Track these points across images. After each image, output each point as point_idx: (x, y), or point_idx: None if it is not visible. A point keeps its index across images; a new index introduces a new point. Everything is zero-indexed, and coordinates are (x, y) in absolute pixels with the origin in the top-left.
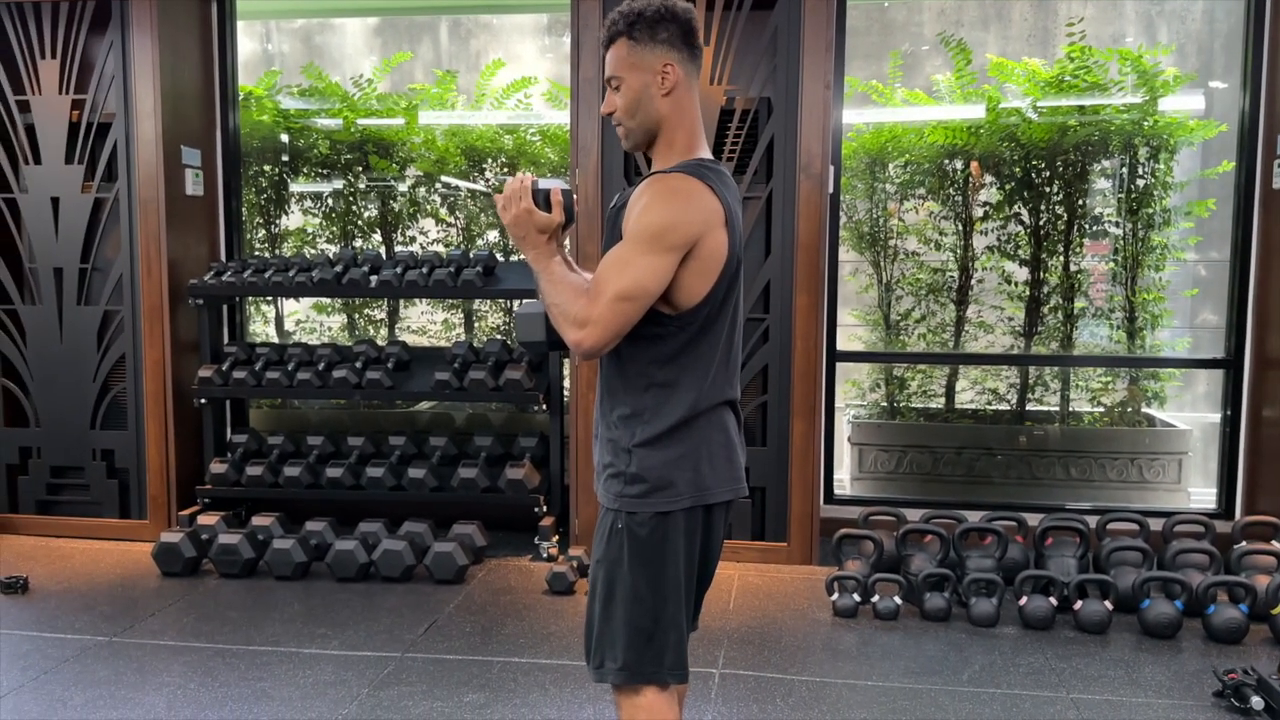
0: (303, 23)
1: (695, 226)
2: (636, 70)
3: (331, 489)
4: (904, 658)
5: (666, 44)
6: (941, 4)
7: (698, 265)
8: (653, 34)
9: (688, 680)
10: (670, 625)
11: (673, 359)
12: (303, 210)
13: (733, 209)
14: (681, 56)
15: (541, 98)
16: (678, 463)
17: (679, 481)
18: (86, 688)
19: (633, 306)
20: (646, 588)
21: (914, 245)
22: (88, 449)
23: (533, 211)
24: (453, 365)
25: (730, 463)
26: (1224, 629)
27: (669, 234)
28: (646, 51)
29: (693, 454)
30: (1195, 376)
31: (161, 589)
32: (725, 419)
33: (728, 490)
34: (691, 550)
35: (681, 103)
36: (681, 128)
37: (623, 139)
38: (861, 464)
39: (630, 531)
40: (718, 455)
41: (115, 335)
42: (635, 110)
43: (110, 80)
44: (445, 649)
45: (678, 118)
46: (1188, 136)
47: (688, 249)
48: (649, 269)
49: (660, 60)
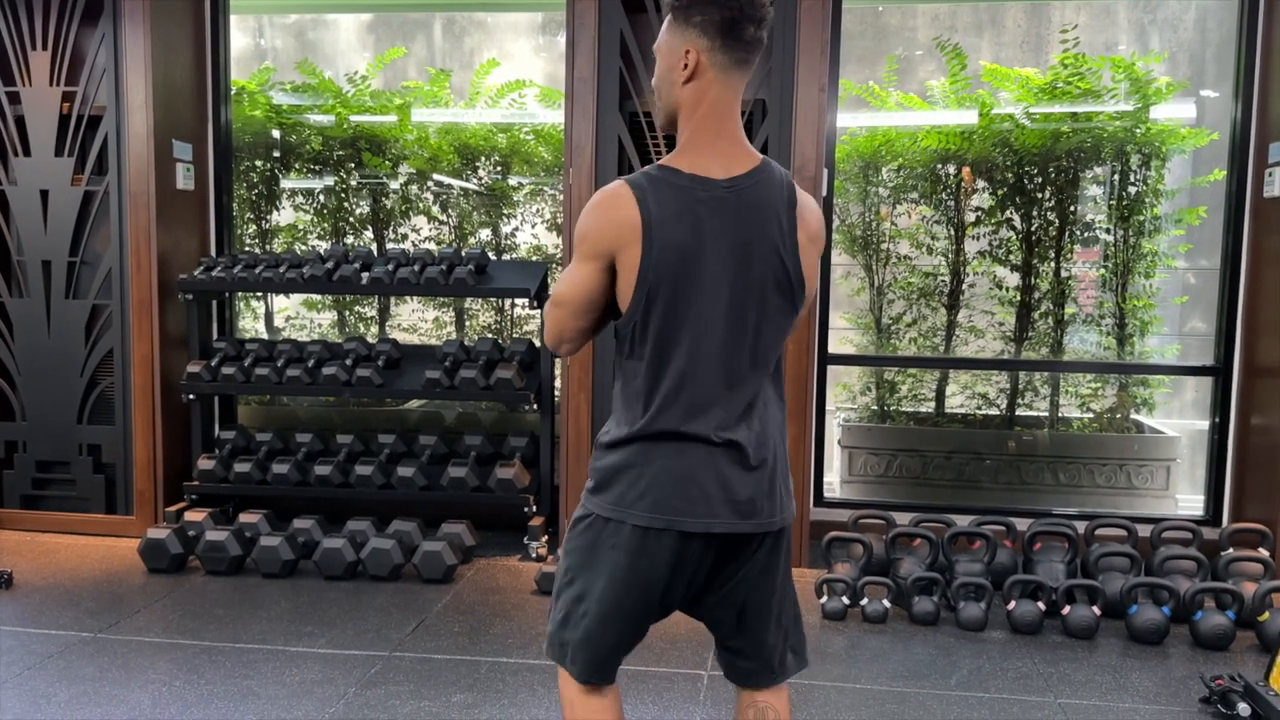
0: (296, 18)
1: (606, 240)
2: (666, 50)
3: (320, 487)
4: (892, 661)
5: (698, 28)
6: (936, 9)
7: (623, 277)
8: (687, 15)
9: (593, 684)
10: (578, 623)
11: (626, 367)
12: (294, 206)
13: (657, 223)
14: (711, 45)
15: (535, 99)
16: (612, 472)
17: (611, 490)
18: (70, 684)
19: (562, 312)
20: (573, 573)
21: (906, 249)
22: (74, 444)
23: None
24: (443, 364)
25: (673, 494)
26: (1211, 635)
27: (582, 244)
28: (677, 33)
29: (628, 469)
30: (1184, 383)
31: (147, 585)
32: (684, 451)
33: (659, 519)
34: (617, 563)
35: (703, 94)
36: (691, 121)
37: (655, 118)
38: (851, 467)
39: (575, 520)
40: (658, 481)
41: (103, 330)
42: (660, 91)
43: (101, 73)
44: (433, 648)
45: (692, 108)
46: (1179, 144)
47: (607, 260)
48: (569, 278)
49: (685, 45)
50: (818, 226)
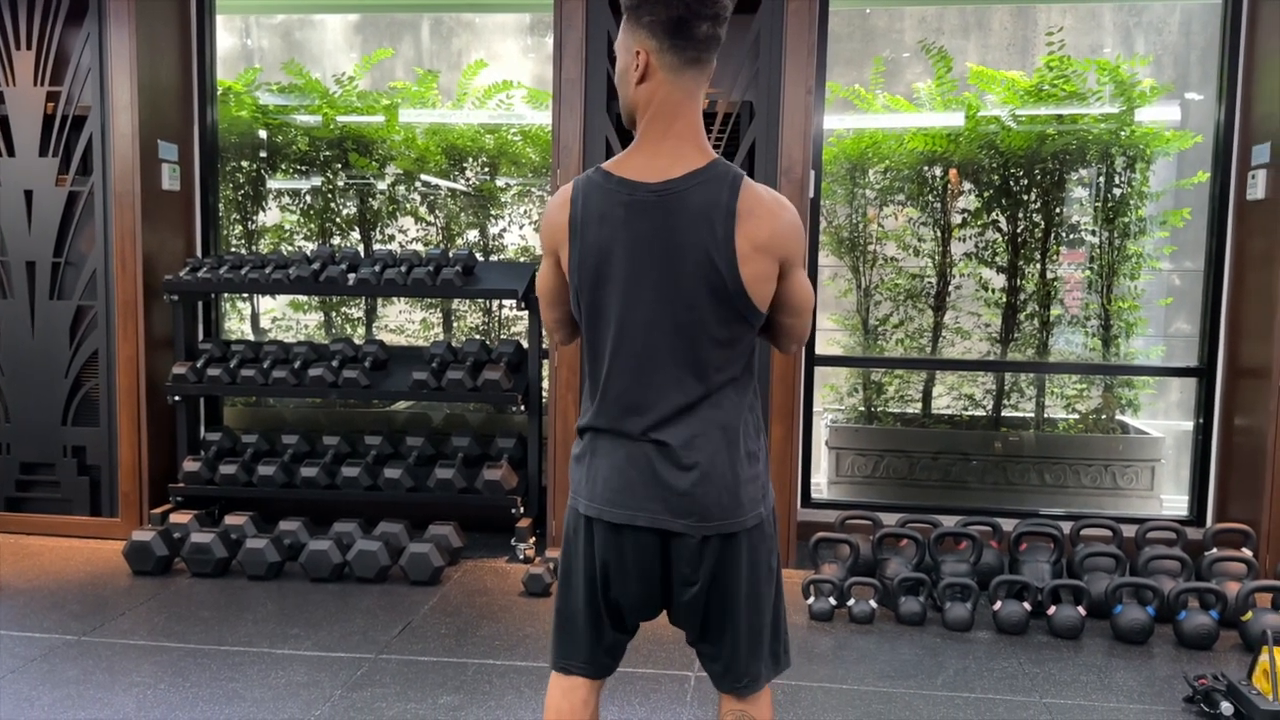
0: (283, 18)
1: (548, 238)
2: (622, 49)
3: (306, 488)
4: (879, 661)
5: (647, 30)
6: (923, 11)
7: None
8: (637, 16)
9: (568, 675)
10: (562, 615)
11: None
12: (280, 207)
13: (582, 224)
14: (660, 46)
15: (523, 100)
16: (575, 462)
17: (571, 479)
18: (54, 687)
19: (541, 303)
20: (561, 572)
21: (893, 251)
22: (59, 445)
23: None
24: (430, 365)
25: (603, 480)
26: (1195, 635)
27: (541, 240)
28: (629, 33)
29: (580, 460)
30: (1168, 384)
31: (132, 588)
32: (619, 446)
33: (593, 508)
34: (582, 550)
35: (652, 96)
36: (641, 122)
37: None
38: (839, 468)
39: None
40: (597, 471)
41: (88, 331)
42: (619, 90)
43: (86, 73)
44: (420, 650)
45: (644, 108)
46: (1164, 147)
47: (555, 256)
48: (540, 271)
49: (635, 46)
50: (770, 234)
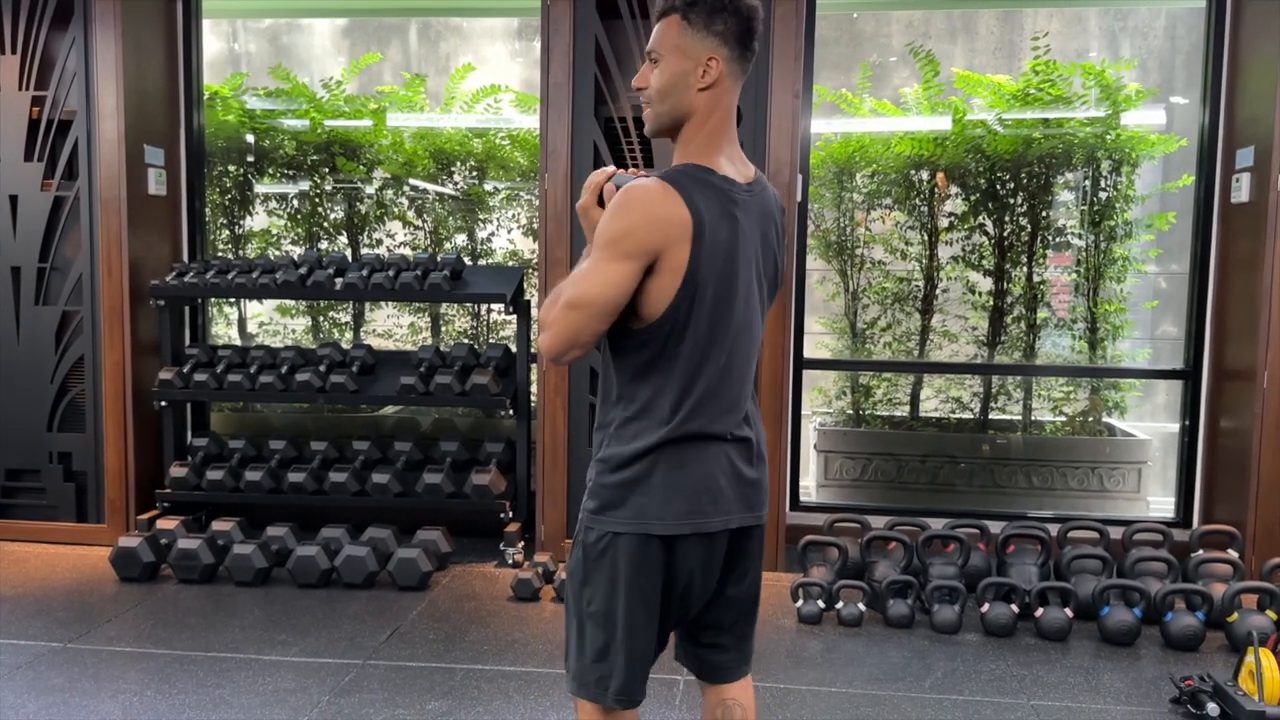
0: (270, 22)
1: (652, 237)
2: (680, 54)
3: (294, 494)
4: (868, 664)
5: (719, 37)
6: (910, 16)
7: (662, 279)
8: (708, 22)
9: (635, 706)
10: (614, 650)
11: (641, 374)
12: (268, 211)
13: (707, 223)
14: (730, 54)
15: (511, 104)
16: (631, 485)
17: (629, 506)
18: (40, 695)
19: (582, 315)
20: (599, 604)
21: (880, 254)
22: (44, 451)
23: (591, 207)
24: (419, 369)
25: (694, 495)
26: (1181, 636)
27: (625, 240)
28: (696, 38)
29: (646, 481)
30: (1155, 387)
31: (119, 594)
32: (705, 451)
33: (681, 525)
34: (643, 579)
35: (717, 102)
36: (705, 128)
37: (647, 121)
38: (827, 471)
39: (584, 544)
40: (679, 488)
41: (74, 336)
42: (668, 95)
43: (72, 77)
44: (408, 656)
45: (706, 115)
46: (1149, 150)
47: (650, 259)
48: (601, 277)
49: (707, 52)
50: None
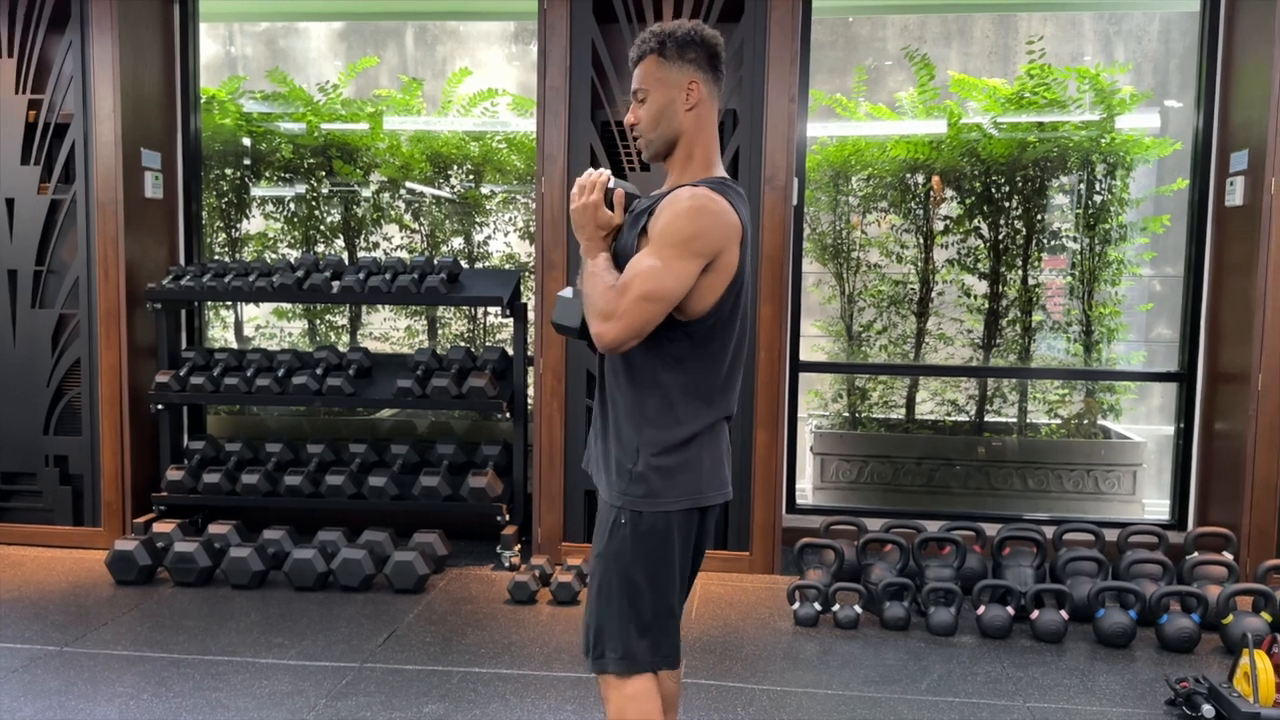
0: (267, 26)
1: (720, 239)
2: (663, 85)
3: (290, 497)
4: (864, 666)
5: (694, 64)
6: (905, 20)
7: (713, 277)
8: (681, 53)
9: (679, 663)
10: (666, 616)
11: (678, 363)
12: (264, 214)
13: (747, 229)
14: (705, 77)
15: (507, 108)
16: (680, 467)
17: (680, 484)
18: (36, 698)
19: (655, 307)
20: (645, 582)
21: (876, 258)
22: (40, 455)
23: (599, 206)
24: (415, 372)
25: (723, 468)
26: (1176, 638)
27: (696, 241)
28: (674, 69)
29: (695, 460)
30: (1150, 390)
31: (115, 598)
32: (723, 431)
33: (719, 495)
34: (686, 547)
35: (702, 119)
36: (699, 143)
37: (643, 149)
38: (823, 474)
39: (633, 528)
40: (715, 462)
41: (70, 339)
42: (658, 123)
43: (69, 80)
44: (404, 659)
45: (696, 132)
46: (1143, 154)
47: (710, 259)
48: (674, 273)
49: (686, 78)
50: None
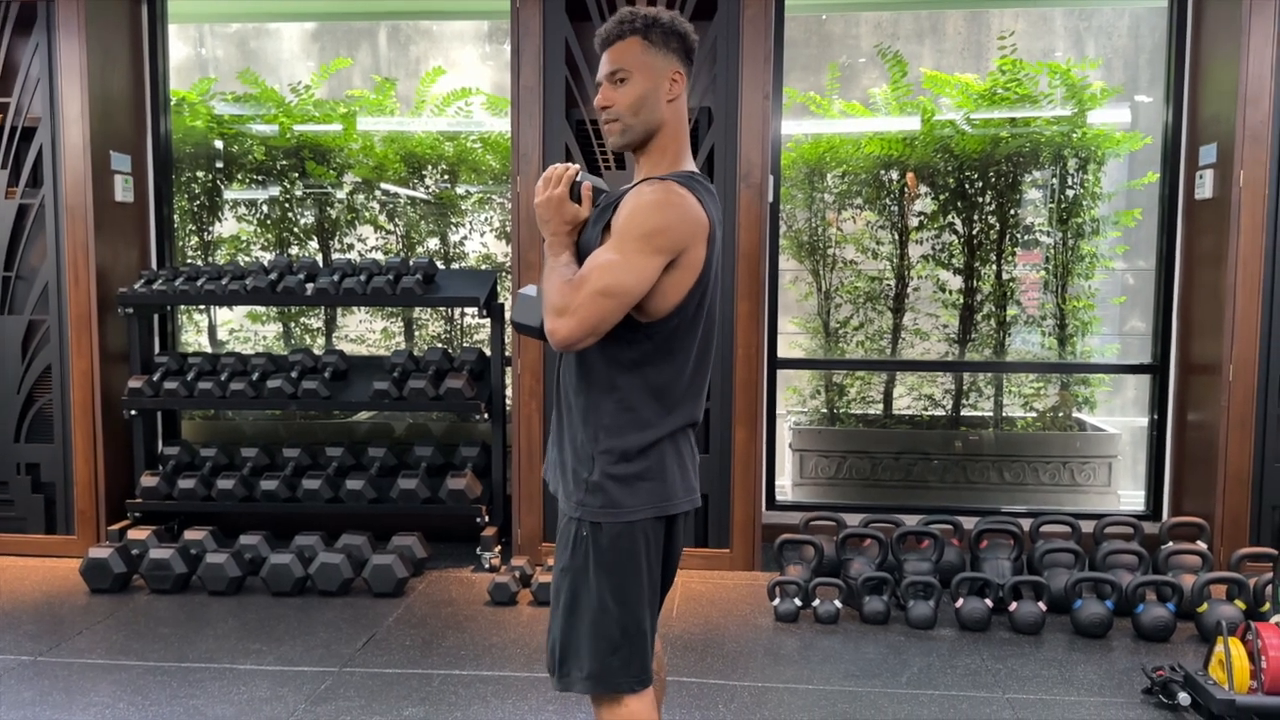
0: (238, 27)
1: (685, 235)
2: (648, 71)
3: (266, 502)
4: (844, 661)
5: (677, 54)
6: (878, 17)
7: (677, 275)
8: (665, 41)
9: (651, 683)
10: (635, 633)
11: (637, 366)
12: (237, 217)
13: (716, 227)
14: (685, 70)
15: (482, 107)
16: (641, 475)
17: (642, 493)
18: (10, 709)
19: (613, 303)
20: (611, 597)
21: (852, 254)
22: (12, 463)
23: (564, 200)
24: (392, 374)
25: (690, 475)
26: (1152, 627)
27: (658, 237)
28: (659, 56)
29: (657, 468)
30: (1124, 382)
31: (90, 606)
32: (688, 438)
33: (686, 501)
34: (654, 558)
35: (679, 113)
36: (675, 138)
37: (616, 134)
38: (802, 470)
39: (594, 540)
40: (681, 469)
41: (41, 345)
42: (639, 109)
43: (36, 83)
44: (384, 662)
45: (674, 127)
46: (1115, 148)
47: (673, 256)
48: (634, 269)
49: (671, 68)
50: None
